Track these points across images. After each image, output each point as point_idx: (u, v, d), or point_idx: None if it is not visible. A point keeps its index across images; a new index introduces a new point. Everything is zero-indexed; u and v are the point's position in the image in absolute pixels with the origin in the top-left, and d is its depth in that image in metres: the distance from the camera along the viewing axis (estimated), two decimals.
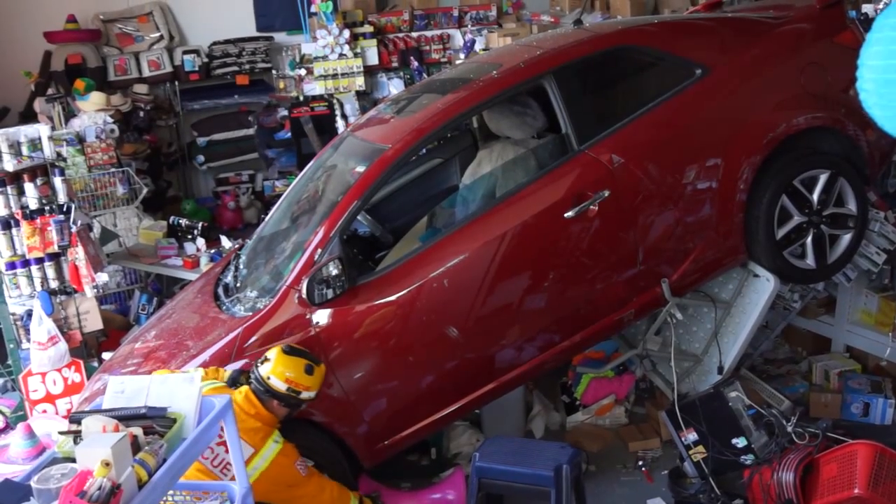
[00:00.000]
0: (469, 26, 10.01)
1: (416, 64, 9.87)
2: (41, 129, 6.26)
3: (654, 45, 5.29)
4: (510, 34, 9.13)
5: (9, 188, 6.12)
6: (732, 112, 5.11)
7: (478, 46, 9.58)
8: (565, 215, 4.77)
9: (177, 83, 10.29)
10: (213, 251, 7.29)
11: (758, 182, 5.06)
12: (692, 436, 5.00)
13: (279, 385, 4.13)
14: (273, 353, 4.22)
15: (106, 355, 6.16)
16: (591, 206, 4.81)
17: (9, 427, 6.43)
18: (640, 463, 5.47)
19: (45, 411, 6.26)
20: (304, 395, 4.19)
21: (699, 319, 5.59)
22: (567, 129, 4.97)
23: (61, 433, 3.02)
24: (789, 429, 4.77)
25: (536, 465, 4.23)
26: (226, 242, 7.38)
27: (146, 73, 10.14)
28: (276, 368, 4.15)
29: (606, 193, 4.83)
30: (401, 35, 10.11)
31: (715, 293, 5.45)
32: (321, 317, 4.58)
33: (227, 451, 3.63)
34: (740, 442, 4.90)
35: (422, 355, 4.77)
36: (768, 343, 6.44)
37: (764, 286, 5.22)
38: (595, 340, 5.31)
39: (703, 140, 5.08)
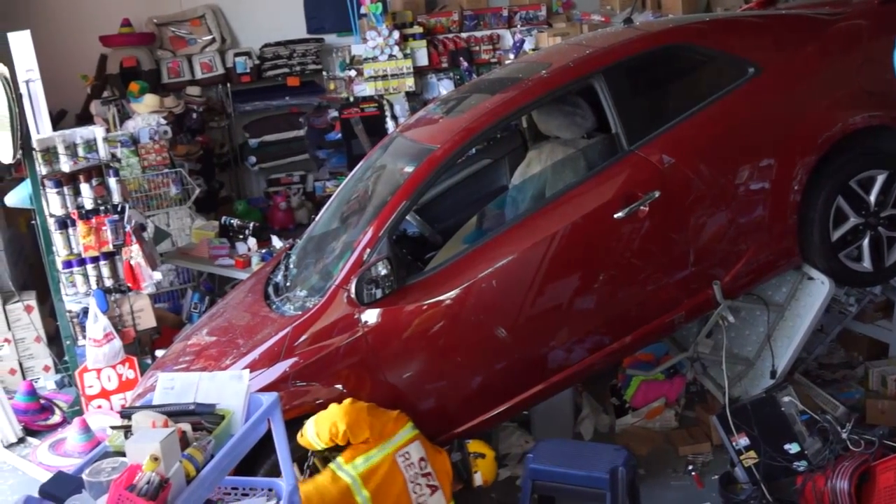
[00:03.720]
0: (519, 26, 9.99)
1: (465, 64, 9.87)
2: (96, 131, 6.35)
3: (705, 44, 5.23)
4: (560, 34, 9.10)
5: (65, 189, 6.22)
6: (786, 111, 5.03)
7: (527, 46, 9.54)
8: (615, 216, 4.73)
9: (229, 85, 10.44)
10: (263, 251, 7.36)
11: (813, 183, 4.96)
12: (743, 440, 4.92)
13: None
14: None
15: (159, 352, 6.24)
16: (642, 207, 4.75)
17: (66, 421, 6.56)
18: (690, 467, 5.41)
19: (99, 407, 6.37)
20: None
21: (752, 322, 5.50)
22: (617, 128, 4.92)
23: (113, 428, 3.06)
24: (844, 435, 4.66)
25: (591, 467, 4.20)
26: (276, 242, 7.46)
27: (199, 75, 10.30)
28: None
29: (657, 194, 4.77)
30: (450, 36, 10.12)
31: (768, 296, 5.36)
32: (370, 316, 4.59)
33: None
34: (793, 448, 4.80)
35: (470, 355, 4.76)
36: (823, 347, 6.33)
37: (819, 289, 5.12)
38: (645, 343, 5.23)
39: (755, 140, 5.00)
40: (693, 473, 5.34)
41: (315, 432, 4.26)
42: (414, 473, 4.33)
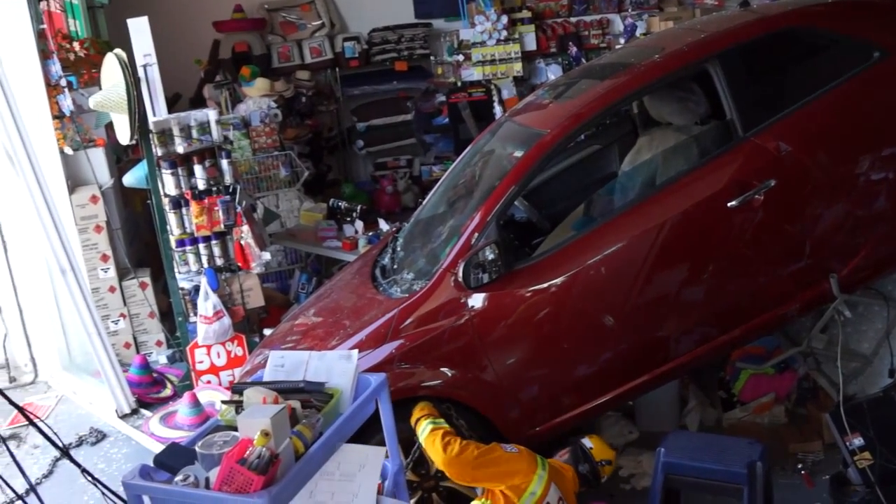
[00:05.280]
0: (629, 10, 9.84)
1: (574, 49, 9.76)
2: (210, 114, 6.47)
3: (826, 26, 5.06)
4: (672, 18, 8.95)
5: (179, 170, 6.35)
6: None
7: (638, 31, 9.40)
8: (728, 205, 4.62)
9: (337, 69, 10.55)
10: (370, 234, 7.43)
11: None
12: (858, 441, 4.74)
13: None
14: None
15: (267, 331, 6.37)
16: (756, 196, 4.63)
17: (176, 395, 6.72)
18: (800, 466, 5.24)
19: (209, 382, 6.53)
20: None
21: (870, 318, 5.32)
22: (732, 115, 4.80)
23: (224, 403, 3.12)
24: None
25: (727, 461, 4.09)
26: (383, 225, 7.51)
27: (308, 59, 10.44)
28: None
29: (772, 183, 4.64)
30: (559, 20, 10.04)
31: (888, 291, 5.17)
32: (476, 301, 4.58)
33: None
34: None
35: (576, 343, 4.72)
36: None
37: None
38: (755, 336, 5.13)
39: (878, 128, 4.82)
40: (803, 472, 5.18)
41: (425, 446, 4.21)
42: None
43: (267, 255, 6.63)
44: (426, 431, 4.22)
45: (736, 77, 4.86)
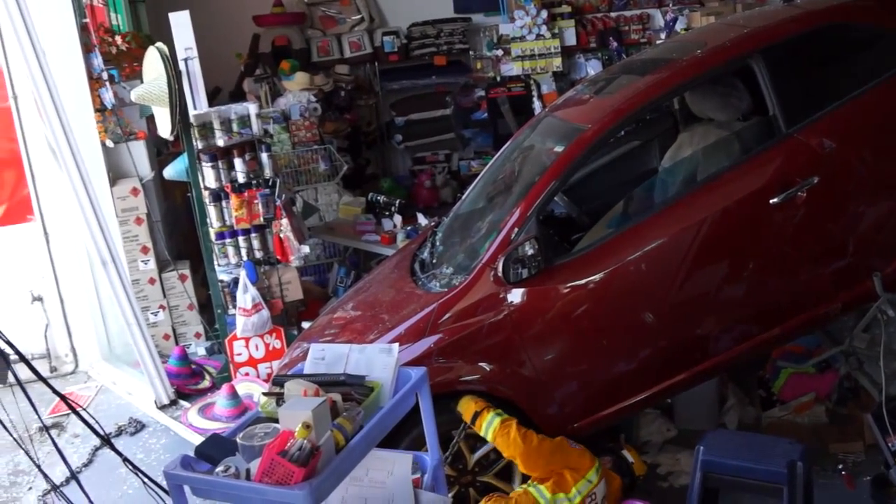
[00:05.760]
0: (670, 5, 9.76)
1: (614, 44, 9.71)
2: (250, 107, 6.52)
3: (871, 22, 5.00)
4: (713, 13, 8.85)
5: (220, 163, 6.40)
6: None
7: (679, 26, 9.32)
8: (771, 202, 4.57)
9: (376, 64, 10.57)
10: (409, 228, 7.44)
11: None
12: None
13: None
14: None
15: (305, 324, 6.40)
16: (799, 193, 4.58)
17: (214, 387, 6.77)
18: (840, 467, 5.19)
19: (247, 374, 6.57)
20: None
21: None
22: (775, 111, 4.75)
23: (265, 395, 3.14)
24: None
25: (767, 460, 4.05)
26: (422, 220, 7.52)
27: (347, 54, 10.47)
28: None
29: (815, 180, 4.59)
30: (599, 15, 9.99)
31: None
32: (515, 296, 4.56)
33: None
34: None
35: (615, 340, 4.69)
36: None
37: None
38: (796, 335, 5.09)
39: None
40: (843, 473, 5.14)
41: (492, 439, 4.30)
42: None
43: (306, 249, 6.67)
44: (494, 423, 4.28)
45: (779, 73, 4.81)
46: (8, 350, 3.52)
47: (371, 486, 3.41)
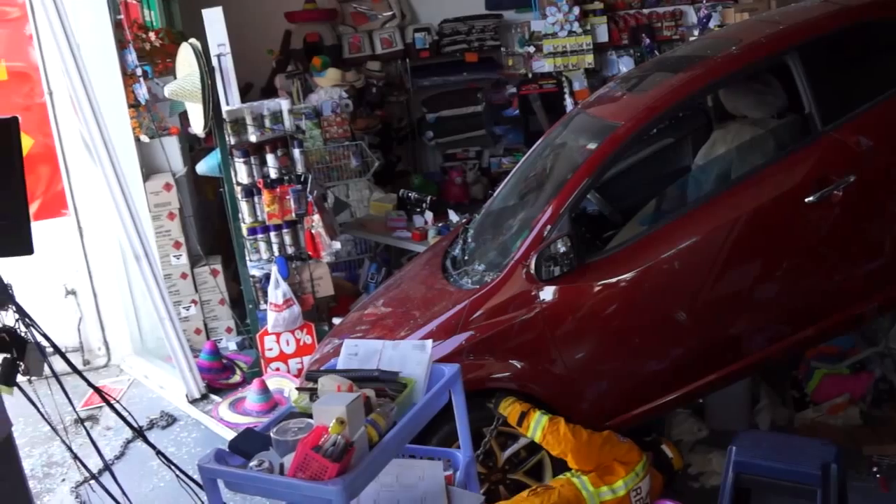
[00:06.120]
0: (704, 2, 9.68)
1: (647, 41, 9.64)
2: (282, 104, 6.55)
3: None
4: (748, 9, 8.76)
5: (252, 158, 6.44)
6: None
7: (713, 23, 9.25)
8: (806, 200, 4.52)
9: (408, 60, 10.56)
10: (440, 224, 7.44)
11: None
12: None
13: None
14: None
15: (336, 320, 6.42)
16: (835, 192, 4.53)
17: (245, 381, 6.81)
18: (875, 469, 5.14)
19: (277, 369, 6.61)
20: None
21: None
22: (811, 108, 4.69)
23: (299, 390, 3.15)
24: None
25: (800, 461, 4.01)
26: (453, 216, 7.51)
27: (379, 50, 10.48)
28: None
29: (852, 178, 4.53)
30: (631, 11, 9.93)
31: None
32: (547, 293, 4.55)
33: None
34: None
35: (647, 339, 4.67)
36: None
37: None
38: (831, 335, 5.04)
39: None
40: (878, 476, 5.08)
41: (541, 437, 4.34)
42: None
43: (337, 245, 6.69)
44: (543, 422, 4.33)
45: (815, 69, 4.75)
46: (44, 343, 3.54)
47: (402, 489, 3.42)
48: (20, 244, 3.61)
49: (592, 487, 4.27)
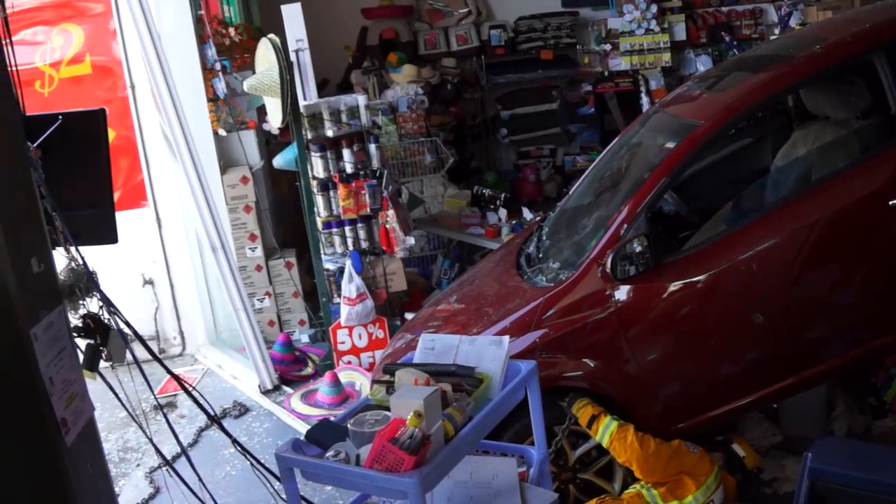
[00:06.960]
0: (784, 0, 9.52)
1: (726, 39, 9.51)
2: (360, 99, 6.60)
3: None
4: (831, 7, 8.58)
5: (328, 153, 6.50)
6: None
7: (793, 21, 9.09)
8: (890, 203, 4.43)
9: (483, 57, 10.55)
10: (514, 222, 7.44)
11: None
12: None
13: None
14: None
15: (408, 315, 6.46)
16: None
17: (317, 373, 6.88)
18: None
19: (349, 362, 6.67)
20: None
21: None
22: None
23: (376, 382, 3.17)
24: None
25: (881, 471, 3.92)
26: (527, 214, 7.51)
27: (454, 47, 10.48)
28: None
29: None
30: (710, 9, 9.81)
31: None
32: (621, 293, 4.52)
33: None
34: None
35: (722, 341, 4.62)
36: None
37: None
38: None
39: None
40: None
41: (608, 443, 4.30)
42: None
43: (411, 240, 6.72)
44: (611, 427, 4.28)
45: None
46: (126, 330, 3.62)
47: (476, 487, 3.43)
48: (106, 233, 3.69)
49: (662, 502, 4.22)
